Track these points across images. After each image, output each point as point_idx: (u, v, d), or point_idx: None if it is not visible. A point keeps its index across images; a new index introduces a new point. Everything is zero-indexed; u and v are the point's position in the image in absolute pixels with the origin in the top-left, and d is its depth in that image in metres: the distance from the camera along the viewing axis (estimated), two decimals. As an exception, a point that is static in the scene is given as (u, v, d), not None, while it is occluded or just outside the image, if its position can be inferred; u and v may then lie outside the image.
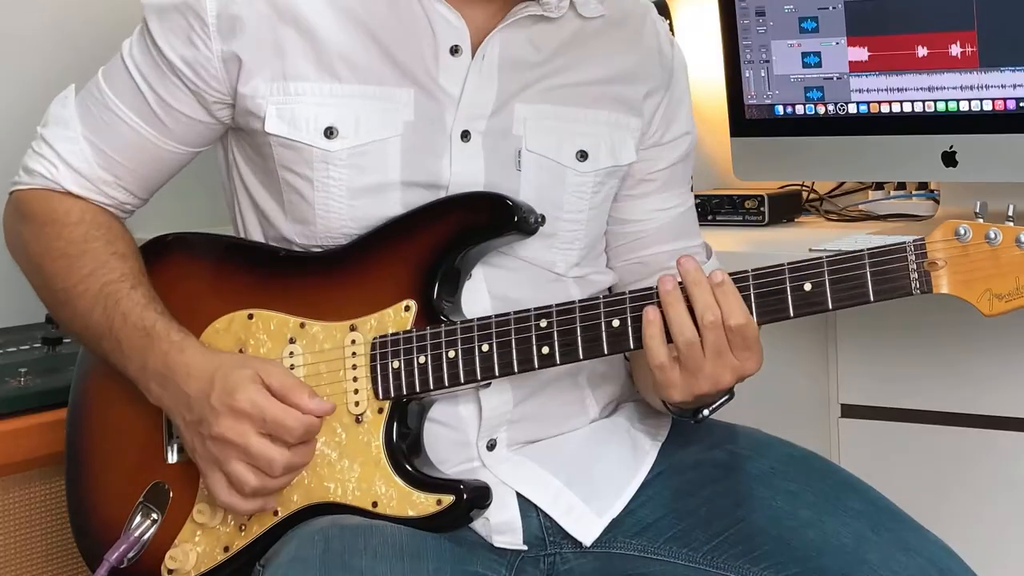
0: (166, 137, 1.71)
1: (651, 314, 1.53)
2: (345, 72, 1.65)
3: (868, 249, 1.49)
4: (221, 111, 1.69)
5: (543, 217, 1.67)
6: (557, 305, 1.58)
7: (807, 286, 1.50)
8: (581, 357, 1.58)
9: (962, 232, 1.46)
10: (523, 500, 1.66)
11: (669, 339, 1.54)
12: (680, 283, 1.54)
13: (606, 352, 1.57)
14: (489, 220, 1.65)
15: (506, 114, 1.68)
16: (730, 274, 1.54)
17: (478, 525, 1.64)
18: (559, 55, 1.71)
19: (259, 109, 1.66)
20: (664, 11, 2.47)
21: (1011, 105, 2.19)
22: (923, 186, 2.45)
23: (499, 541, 1.65)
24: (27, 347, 2.26)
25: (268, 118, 1.65)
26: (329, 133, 1.65)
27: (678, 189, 1.82)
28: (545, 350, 1.58)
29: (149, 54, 1.69)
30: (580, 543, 1.67)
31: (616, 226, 1.80)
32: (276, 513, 1.62)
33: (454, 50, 1.66)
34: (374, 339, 1.62)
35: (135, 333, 1.63)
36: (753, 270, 1.53)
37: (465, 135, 1.67)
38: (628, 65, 1.75)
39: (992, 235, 1.45)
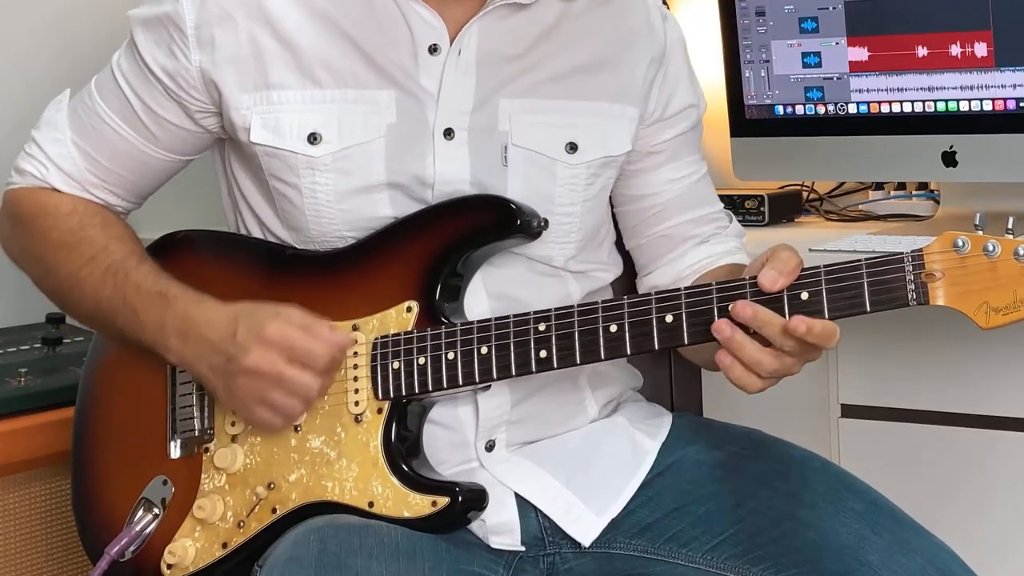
0: (154, 145, 1.73)
1: (726, 359, 1.50)
2: (325, 77, 1.65)
3: (865, 259, 1.48)
4: (206, 119, 1.71)
5: (546, 221, 1.67)
6: (556, 309, 1.58)
7: (804, 295, 1.50)
8: (578, 361, 1.57)
9: (960, 244, 1.44)
10: (521, 501, 1.66)
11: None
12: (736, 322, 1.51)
13: (603, 357, 1.57)
14: (493, 223, 1.65)
15: (490, 110, 1.68)
16: (725, 282, 1.53)
17: (475, 526, 1.64)
18: (540, 44, 1.70)
19: (243, 120, 1.67)
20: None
21: (1011, 105, 2.19)
22: (923, 186, 2.45)
23: (496, 542, 1.65)
24: (27, 347, 2.26)
25: (253, 128, 1.66)
26: (313, 139, 1.65)
27: (690, 157, 1.82)
28: (543, 354, 1.57)
29: (135, 64, 1.71)
30: (579, 543, 1.66)
31: (632, 204, 1.80)
32: (274, 511, 1.62)
33: (432, 49, 1.66)
34: (375, 339, 1.62)
35: (151, 299, 1.64)
36: (750, 279, 1.52)
37: (448, 133, 1.67)
38: (615, 45, 1.74)
39: (991, 247, 1.43)
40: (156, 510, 1.68)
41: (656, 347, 1.55)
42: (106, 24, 2.44)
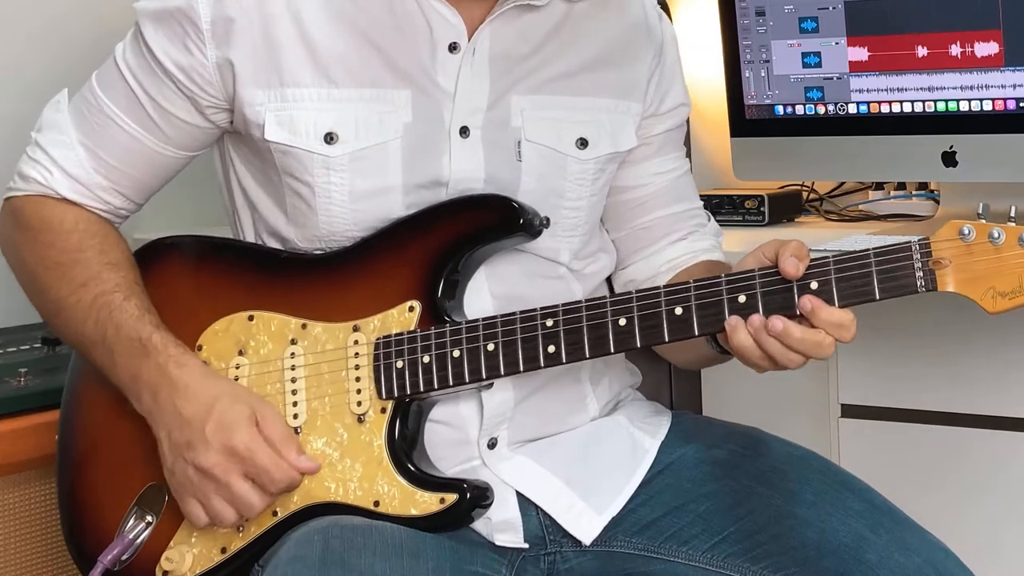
0: (162, 142, 1.71)
1: (733, 320, 1.52)
2: (342, 76, 1.65)
3: (873, 248, 1.50)
4: (216, 115, 1.69)
5: (548, 219, 1.67)
6: (563, 304, 1.58)
7: (813, 285, 1.51)
8: (587, 356, 1.58)
9: (966, 232, 1.48)
10: (523, 499, 1.66)
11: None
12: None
13: (612, 351, 1.57)
14: (495, 222, 1.65)
15: (503, 107, 1.69)
16: (734, 274, 1.54)
17: (479, 524, 1.64)
18: (547, 43, 1.71)
19: (257, 116, 1.66)
20: (664, 11, 2.47)
21: (1011, 105, 2.19)
22: (923, 186, 2.45)
23: (500, 540, 1.65)
24: (27, 347, 2.26)
25: (267, 125, 1.65)
26: (329, 138, 1.65)
27: (674, 152, 1.84)
28: (551, 349, 1.58)
29: (144, 59, 1.69)
30: (580, 541, 1.67)
31: (615, 195, 1.80)
32: (275, 514, 1.62)
33: (452, 47, 1.67)
34: (377, 339, 1.62)
35: (128, 344, 1.62)
36: (760, 269, 1.53)
37: (464, 131, 1.67)
38: (616, 43, 1.76)
39: (995, 234, 1.47)
40: (149, 518, 1.67)
41: (667, 339, 1.55)
42: (104, 24, 2.44)
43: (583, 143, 1.72)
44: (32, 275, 1.72)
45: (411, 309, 1.62)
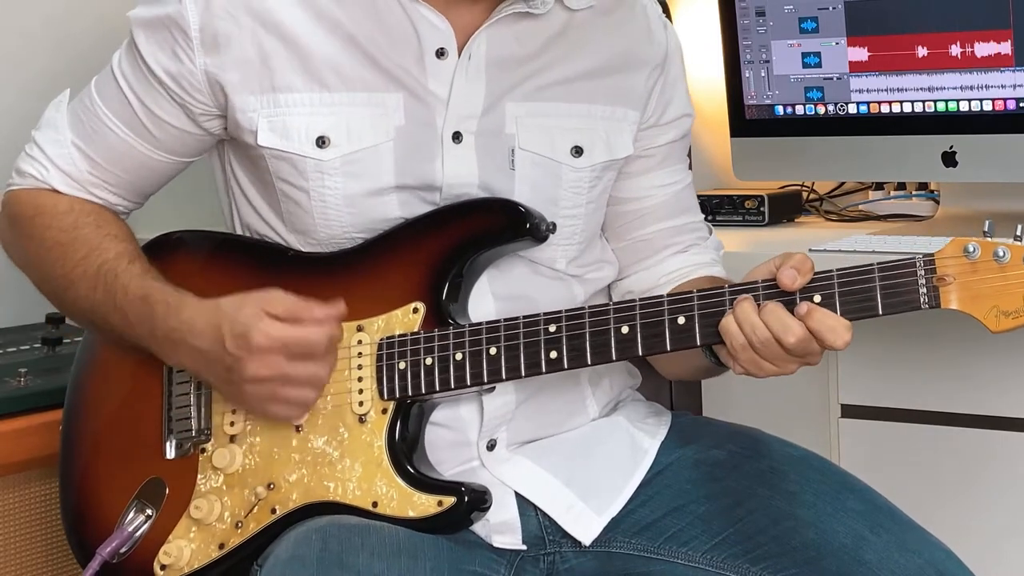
0: (154, 147, 1.72)
1: (732, 326, 1.52)
2: (333, 81, 1.65)
3: (878, 264, 1.50)
4: (208, 122, 1.70)
5: (554, 224, 1.67)
6: (567, 310, 1.58)
7: (816, 298, 1.51)
8: (589, 362, 1.58)
9: (971, 249, 1.48)
10: (522, 500, 1.67)
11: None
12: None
13: (615, 358, 1.58)
14: (502, 226, 1.65)
15: (497, 113, 1.68)
16: (738, 285, 1.54)
17: (478, 526, 1.64)
18: (547, 50, 1.71)
19: (250, 123, 1.66)
20: (664, 12, 2.47)
21: (1011, 105, 2.19)
22: (923, 186, 2.45)
23: (498, 541, 1.65)
24: (27, 347, 2.26)
25: (260, 131, 1.66)
26: (321, 142, 1.65)
27: (677, 165, 1.83)
28: (553, 355, 1.58)
29: (136, 66, 1.70)
30: (579, 542, 1.67)
31: (616, 206, 1.80)
32: (274, 511, 1.62)
33: (440, 52, 1.66)
34: (381, 340, 1.62)
35: (137, 304, 1.64)
36: (763, 281, 1.53)
37: (456, 136, 1.67)
38: (618, 53, 1.75)
39: (1001, 253, 1.47)
40: (149, 511, 1.67)
41: (668, 348, 1.55)
42: (103, 23, 2.44)
43: (578, 151, 1.72)
44: (35, 258, 1.73)
45: (415, 311, 1.62)
